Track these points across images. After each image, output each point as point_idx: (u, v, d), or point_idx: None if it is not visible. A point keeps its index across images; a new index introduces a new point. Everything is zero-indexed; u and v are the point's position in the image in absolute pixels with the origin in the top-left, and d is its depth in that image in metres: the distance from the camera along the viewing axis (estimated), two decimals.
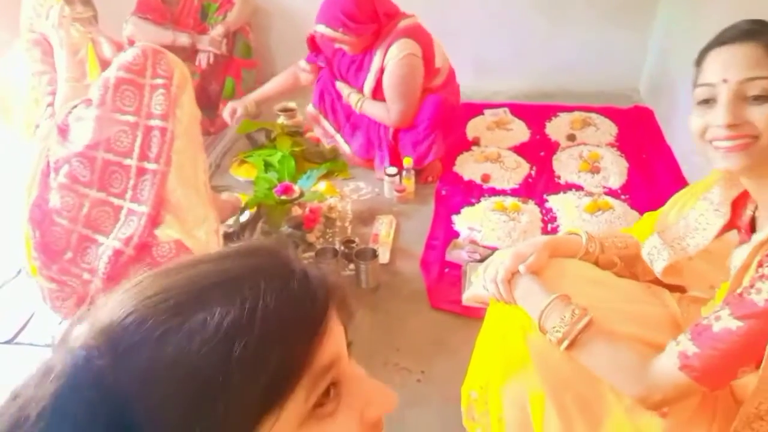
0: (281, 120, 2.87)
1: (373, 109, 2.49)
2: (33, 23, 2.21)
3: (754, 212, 0.98)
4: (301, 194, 2.29)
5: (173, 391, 0.40)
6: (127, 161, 1.72)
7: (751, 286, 0.84)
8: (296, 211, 2.25)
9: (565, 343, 0.99)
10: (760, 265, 0.85)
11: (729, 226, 1.04)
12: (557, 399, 1.05)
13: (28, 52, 2.21)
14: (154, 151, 1.71)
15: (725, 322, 0.85)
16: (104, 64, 2.48)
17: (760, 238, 0.87)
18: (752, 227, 0.98)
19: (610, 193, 2.40)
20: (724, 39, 0.92)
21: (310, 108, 2.71)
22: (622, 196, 2.37)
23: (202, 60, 2.96)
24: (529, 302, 1.07)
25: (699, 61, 0.96)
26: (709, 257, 1.05)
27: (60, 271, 1.72)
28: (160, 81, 1.72)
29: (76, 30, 2.26)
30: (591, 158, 2.58)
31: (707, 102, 0.92)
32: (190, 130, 1.78)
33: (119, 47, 2.94)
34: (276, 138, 2.68)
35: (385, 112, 2.46)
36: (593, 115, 2.93)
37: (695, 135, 0.95)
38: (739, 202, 1.04)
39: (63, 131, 1.79)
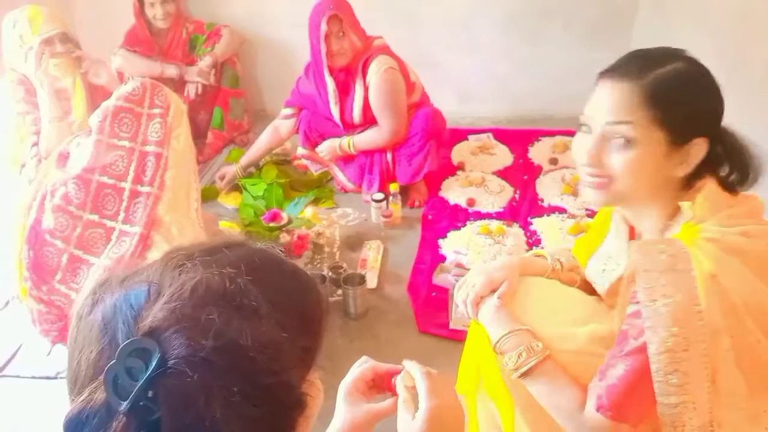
0: None
1: (366, 138, 2.54)
2: (14, 64, 2.24)
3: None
4: (289, 221, 2.32)
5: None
6: (122, 184, 1.78)
7: (628, 324, 0.90)
8: (284, 237, 2.27)
9: (518, 372, 1.03)
10: (632, 297, 0.90)
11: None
12: (528, 412, 1.08)
13: (11, 91, 2.25)
14: (148, 174, 1.78)
15: (619, 360, 0.90)
16: (100, 91, 2.53)
17: (628, 270, 0.92)
18: None
19: (592, 215, 2.45)
20: (605, 72, 0.96)
21: (301, 150, 2.72)
22: None
23: (191, 90, 3.01)
24: (492, 327, 1.11)
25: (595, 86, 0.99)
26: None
27: (49, 291, 1.76)
28: (157, 111, 1.81)
29: (56, 67, 2.30)
30: (573, 181, 2.64)
31: (583, 132, 0.97)
32: (185, 160, 1.86)
33: (120, 77, 3.00)
34: (263, 167, 2.71)
35: (378, 134, 2.50)
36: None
37: (576, 161, 1.00)
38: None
39: (63, 158, 1.86)
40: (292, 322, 0.58)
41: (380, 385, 0.86)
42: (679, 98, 0.92)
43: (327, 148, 2.59)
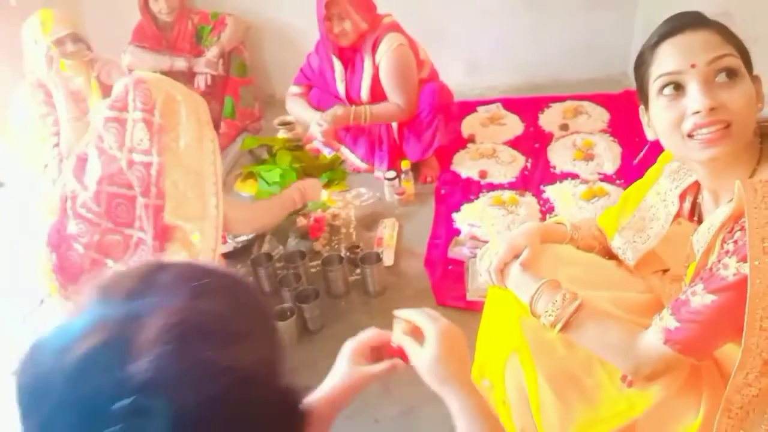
0: (281, 134, 2.95)
1: (383, 110, 2.53)
2: (32, 67, 2.30)
3: (695, 199, 1.03)
4: (305, 205, 2.37)
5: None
6: (131, 192, 1.76)
7: (719, 261, 0.89)
8: (301, 221, 2.32)
9: (559, 325, 1.05)
10: (724, 241, 0.90)
11: (677, 214, 1.09)
12: (552, 378, 1.11)
13: (31, 94, 2.32)
14: (142, 185, 1.72)
15: (700, 297, 0.90)
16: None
17: (721, 219, 0.91)
18: (694, 213, 1.04)
19: (606, 179, 2.46)
20: (674, 29, 0.94)
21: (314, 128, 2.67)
22: (617, 181, 2.43)
23: (200, 82, 3.05)
24: (521, 289, 1.14)
25: (646, 57, 0.97)
26: (671, 243, 1.11)
27: (76, 291, 1.81)
28: (139, 115, 1.72)
29: (70, 68, 2.35)
30: (585, 146, 2.63)
31: (674, 92, 0.92)
32: (190, 157, 1.75)
33: (132, 72, 3.04)
34: (276, 153, 2.76)
35: (395, 107, 2.51)
36: (585, 103, 2.98)
37: (668, 128, 0.94)
38: (683, 195, 1.10)
39: (82, 161, 1.84)
40: (263, 329, 0.61)
41: (382, 352, 0.92)
42: (736, 37, 0.94)
43: (335, 116, 2.50)
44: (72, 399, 0.47)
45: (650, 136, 1.02)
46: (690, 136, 0.92)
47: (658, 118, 0.97)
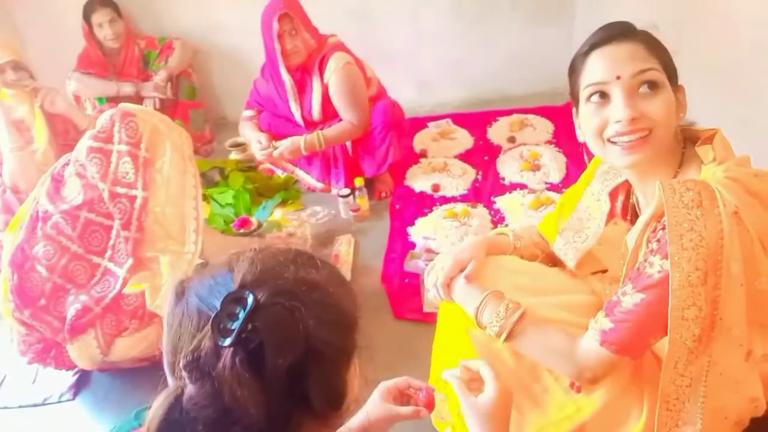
0: (233, 155, 2.94)
1: (335, 132, 2.54)
2: None
3: (627, 198, 1.08)
4: (260, 225, 2.37)
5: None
6: (108, 222, 1.75)
7: (645, 260, 0.94)
8: (250, 241, 2.32)
9: (503, 335, 1.08)
10: (648, 241, 0.95)
11: (610, 214, 1.15)
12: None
13: None
14: (123, 218, 1.73)
15: (630, 296, 0.94)
16: (58, 118, 2.53)
17: (645, 219, 0.96)
18: (634, 212, 1.09)
19: (552, 188, 2.54)
20: (603, 40, 0.98)
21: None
22: (563, 189, 2.51)
23: (149, 106, 3.02)
24: (467, 301, 1.17)
25: (578, 65, 1.02)
26: (611, 241, 1.16)
27: (32, 316, 1.75)
28: (125, 148, 1.73)
29: (11, 97, 2.30)
30: (531, 157, 2.72)
31: (600, 100, 0.97)
32: (173, 187, 1.76)
33: (77, 100, 2.98)
34: (229, 175, 2.74)
35: (348, 126, 2.53)
36: (530, 116, 3.09)
37: (591, 134, 1.00)
38: (614, 193, 1.16)
39: (57, 182, 1.80)
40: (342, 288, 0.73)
41: (407, 396, 1.06)
42: (662, 48, 0.99)
43: (289, 146, 2.53)
44: (201, 297, 0.65)
45: (581, 137, 1.07)
46: (611, 141, 0.98)
47: (585, 123, 1.02)
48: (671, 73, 0.98)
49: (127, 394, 1.83)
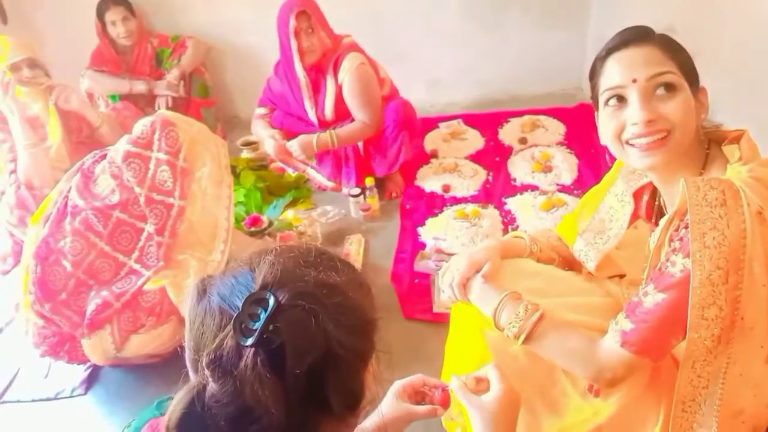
0: (244, 154, 2.95)
1: (348, 131, 2.54)
2: None
3: (658, 201, 1.08)
4: (270, 224, 2.37)
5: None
6: (140, 224, 1.76)
7: (667, 260, 0.93)
8: (267, 241, 2.32)
9: (522, 336, 1.07)
10: (670, 240, 0.95)
11: (634, 215, 1.14)
12: (519, 390, 1.13)
13: None
14: (158, 223, 1.75)
15: (652, 296, 0.93)
16: (72, 115, 2.54)
17: (668, 216, 0.96)
18: (659, 214, 1.08)
19: (564, 189, 2.53)
20: (620, 44, 0.99)
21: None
22: (575, 191, 2.51)
23: (161, 104, 3.04)
24: (484, 302, 1.16)
25: (597, 69, 1.03)
26: (631, 245, 1.15)
27: (52, 310, 1.76)
28: (164, 156, 1.75)
29: (26, 94, 2.32)
30: (543, 158, 2.71)
31: (618, 104, 0.98)
32: (208, 198, 1.79)
33: (90, 97, 3.00)
34: (240, 173, 2.75)
35: (361, 125, 2.53)
36: (542, 117, 3.08)
37: (610, 137, 1.01)
38: (639, 194, 1.15)
39: (87, 177, 1.81)
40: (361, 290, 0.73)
41: (422, 395, 1.04)
42: (681, 50, 0.99)
43: (301, 144, 2.53)
44: (223, 296, 0.65)
45: (603, 141, 1.07)
46: (630, 144, 0.98)
47: (603, 127, 1.02)
48: (691, 76, 0.98)
49: (138, 390, 1.85)
